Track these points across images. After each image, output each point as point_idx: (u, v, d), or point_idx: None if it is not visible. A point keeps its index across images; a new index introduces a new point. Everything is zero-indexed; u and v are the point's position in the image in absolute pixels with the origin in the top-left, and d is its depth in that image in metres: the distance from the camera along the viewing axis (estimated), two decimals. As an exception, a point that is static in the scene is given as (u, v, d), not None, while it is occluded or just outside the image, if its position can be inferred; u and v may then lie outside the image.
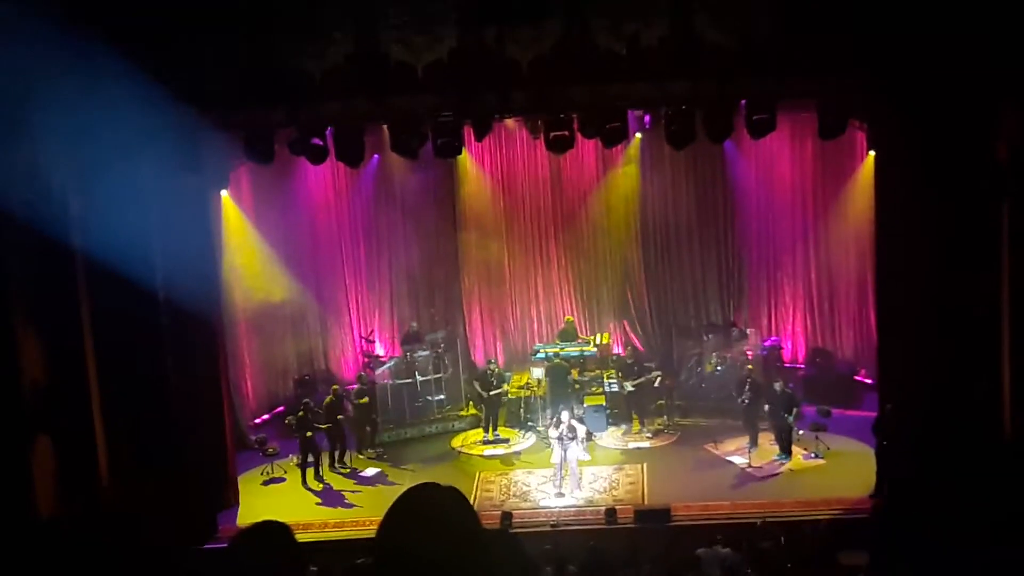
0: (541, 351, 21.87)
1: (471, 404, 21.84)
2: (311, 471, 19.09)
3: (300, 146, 16.79)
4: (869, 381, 20.47)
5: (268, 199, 21.08)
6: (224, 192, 18.81)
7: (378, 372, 21.39)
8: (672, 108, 16.74)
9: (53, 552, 13.37)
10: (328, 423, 19.37)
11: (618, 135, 17.16)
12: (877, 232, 17.48)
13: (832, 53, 15.14)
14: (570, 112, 16.61)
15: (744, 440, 18.99)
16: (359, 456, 20.08)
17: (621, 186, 22.95)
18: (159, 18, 14.83)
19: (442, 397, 21.74)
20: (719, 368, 21.16)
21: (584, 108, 16.49)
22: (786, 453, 18.46)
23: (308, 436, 18.95)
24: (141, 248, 15.46)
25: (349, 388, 21.04)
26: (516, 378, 22.08)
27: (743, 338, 21.72)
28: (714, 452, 19.33)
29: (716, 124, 16.65)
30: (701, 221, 22.95)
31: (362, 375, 21.13)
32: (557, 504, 17.63)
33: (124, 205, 14.74)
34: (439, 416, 21.59)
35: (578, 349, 21.93)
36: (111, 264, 14.86)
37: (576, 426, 18.15)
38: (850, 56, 15.18)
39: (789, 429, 18.39)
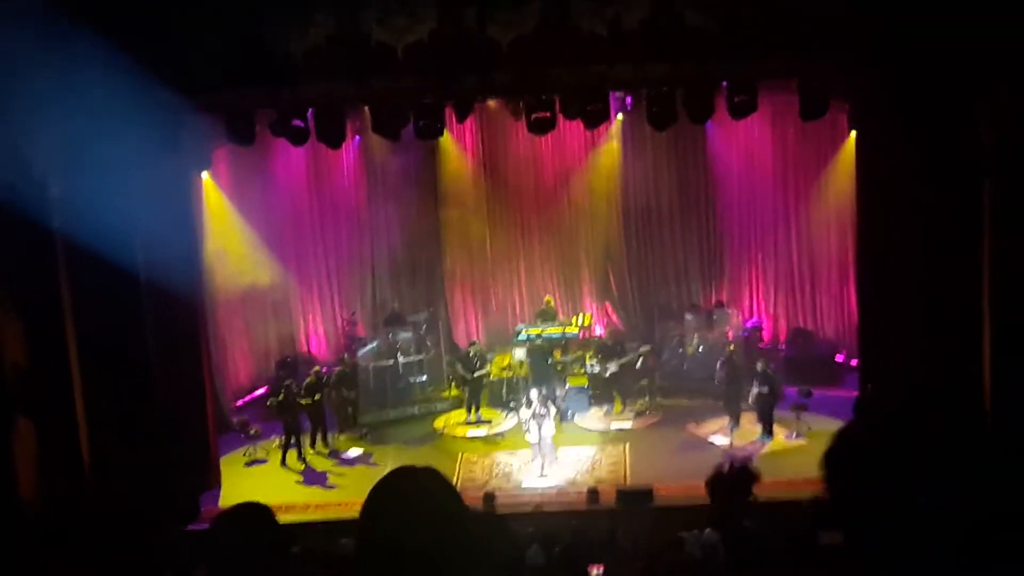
0: (523, 332, 21.88)
1: (453, 385, 21.84)
2: (293, 452, 19.10)
3: (281, 128, 16.77)
4: (851, 362, 20.54)
5: (249, 181, 21.00)
6: (205, 174, 18.73)
7: (360, 354, 21.37)
8: (653, 89, 16.75)
9: (35, 535, 13.35)
10: (308, 405, 19.36)
11: (599, 116, 17.17)
12: (859, 213, 17.53)
13: (813, 34, 15.15)
14: (551, 93, 16.60)
15: (726, 420, 19.06)
16: (340, 437, 20.07)
17: (603, 167, 22.94)
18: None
19: (424, 378, 21.76)
20: (701, 349, 21.23)
21: (565, 89, 16.48)
22: (768, 433, 18.54)
23: (290, 418, 18.95)
24: (122, 230, 15.38)
25: (329, 370, 21.02)
26: (498, 359, 22.09)
27: (725, 319, 21.78)
28: (696, 433, 19.39)
29: (697, 105, 16.69)
30: (683, 202, 22.98)
31: (344, 357, 21.13)
32: (540, 485, 17.68)
33: (104, 187, 14.68)
34: (421, 397, 21.61)
35: (559, 330, 21.93)
36: (92, 246, 14.81)
37: (548, 405, 18.31)
38: (832, 37, 15.18)
39: (771, 409, 18.46)
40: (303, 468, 19.01)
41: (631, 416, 20.35)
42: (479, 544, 3.21)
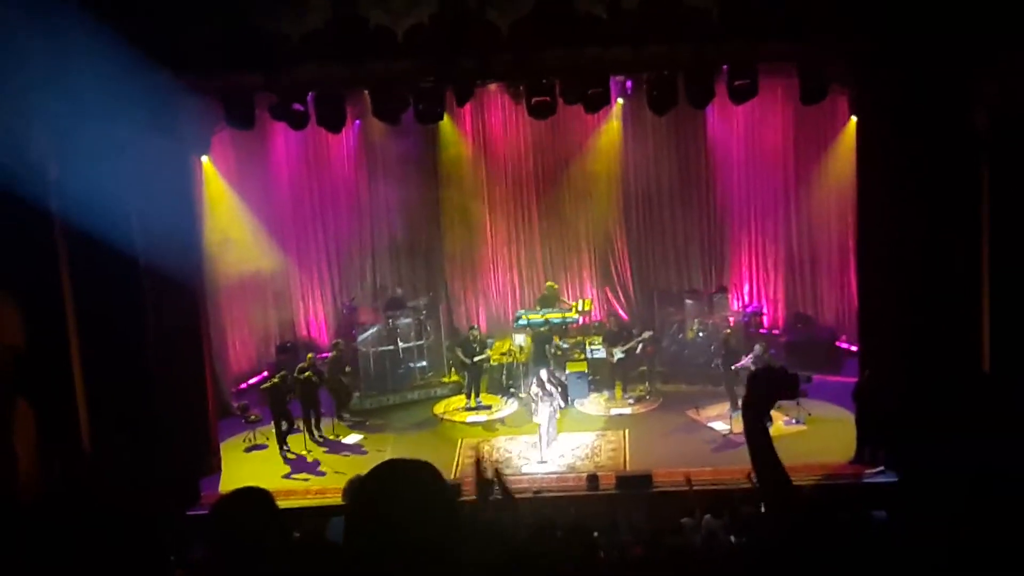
0: (523, 317, 21.84)
1: (453, 371, 21.85)
2: (294, 438, 19.13)
3: (280, 111, 16.71)
4: (851, 347, 20.52)
5: (250, 165, 20.94)
6: (205, 158, 18.67)
7: (360, 339, 21.36)
8: (654, 73, 16.70)
9: (33, 519, 13.33)
10: (302, 390, 19.30)
11: (600, 101, 17.13)
12: (859, 197, 17.48)
13: (813, 17, 15.11)
14: (551, 77, 16.54)
15: (726, 406, 19.06)
16: (337, 422, 20.04)
17: (603, 152, 22.86)
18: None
19: (424, 364, 21.76)
20: (701, 334, 21.22)
21: (565, 73, 16.42)
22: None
23: (279, 404, 18.98)
24: (120, 213, 15.38)
25: (324, 356, 21.02)
26: (498, 344, 22.09)
27: (725, 303, 21.75)
28: (696, 418, 19.39)
29: (697, 89, 16.64)
30: (683, 187, 22.92)
31: (337, 342, 21.14)
32: (539, 471, 17.67)
33: (102, 170, 14.66)
34: (421, 383, 21.62)
35: (560, 315, 21.88)
36: (90, 229, 14.78)
37: (553, 386, 18.38)
38: (831, 20, 15.14)
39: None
40: (300, 454, 19.00)
41: (631, 401, 20.35)
42: (474, 534, 3.19)
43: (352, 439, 19.55)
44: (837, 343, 21.50)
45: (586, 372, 20.87)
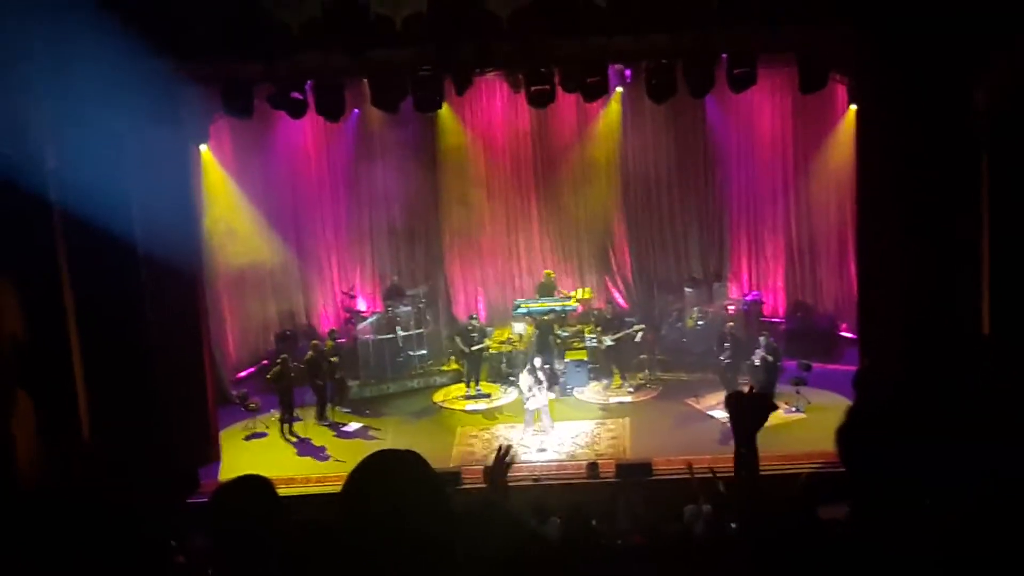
0: (522, 306, 21.84)
1: (453, 359, 21.86)
2: (296, 424, 19.19)
3: (279, 100, 16.70)
4: (850, 335, 20.52)
5: (249, 154, 20.93)
6: (204, 147, 18.65)
7: (360, 328, 21.38)
8: (653, 62, 16.68)
9: (33, 508, 13.34)
10: (309, 378, 19.34)
11: (599, 89, 17.12)
12: (858, 185, 17.48)
13: (812, 5, 15.08)
14: (551, 65, 16.52)
15: (724, 394, 19.03)
16: (337, 410, 20.06)
17: (602, 141, 22.81)
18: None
19: (424, 352, 21.76)
20: (700, 323, 21.20)
21: (564, 61, 16.40)
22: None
23: (285, 390, 19.00)
24: (119, 202, 15.36)
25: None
26: (497, 333, 22.10)
27: (724, 292, 21.74)
28: (695, 406, 19.40)
29: (697, 78, 16.63)
30: (682, 175, 22.88)
31: (333, 331, 21.21)
32: (539, 459, 17.69)
33: (101, 159, 14.66)
34: (421, 371, 21.62)
35: (560, 304, 21.88)
36: (89, 218, 14.77)
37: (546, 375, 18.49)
38: (831, 8, 15.12)
39: (772, 383, 18.42)
40: (300, 440, 19.05)
41: (630, 390, 20.36)
42: (465, 524, 3.20)
43: (353, 427, 19.56)
44: (837, 331, 21.49)
45: (586, 360, 20.88)
